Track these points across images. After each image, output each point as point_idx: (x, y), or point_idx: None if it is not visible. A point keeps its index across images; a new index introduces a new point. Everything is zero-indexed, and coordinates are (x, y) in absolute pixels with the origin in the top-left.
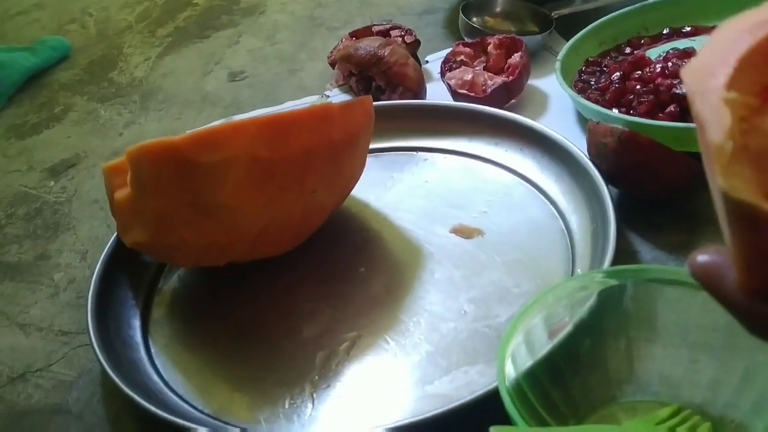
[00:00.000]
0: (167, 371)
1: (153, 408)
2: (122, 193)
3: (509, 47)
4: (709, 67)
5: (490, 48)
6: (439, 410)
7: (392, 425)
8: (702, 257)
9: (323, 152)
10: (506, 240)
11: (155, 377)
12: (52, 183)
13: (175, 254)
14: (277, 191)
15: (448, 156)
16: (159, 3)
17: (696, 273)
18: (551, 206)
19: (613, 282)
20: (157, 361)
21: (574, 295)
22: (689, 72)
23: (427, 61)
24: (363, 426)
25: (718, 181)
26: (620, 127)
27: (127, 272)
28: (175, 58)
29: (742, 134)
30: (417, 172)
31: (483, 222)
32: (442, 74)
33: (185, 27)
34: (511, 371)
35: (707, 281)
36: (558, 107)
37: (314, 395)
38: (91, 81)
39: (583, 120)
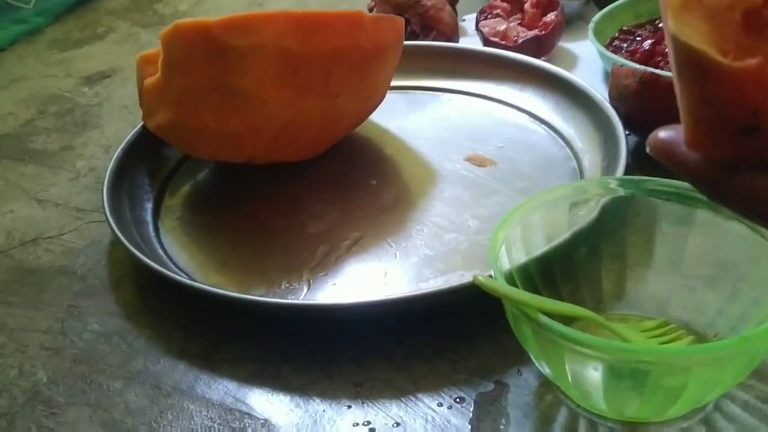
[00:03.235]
0: (172, 249)
1: (155, 266)
2: (151, 80)
3: (546, 7)
4: None
5: (526, 6)
6: (429, 290)
7: (376, 299)
8: (660, 133)
9: (350, 57)
10: (518, 171)
11: (160, 251)
12: (86, 89)
13: (195, 141)
14: (301, 88)
15: (472, 98)
16: None
17: (654, 147)
18: (567, 148)
19: (613, 188)
20: (164, 240)
21: (576, 198)
22: None
23: (464, 20)
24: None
25: (669, 24)
26: (642, 68)
27: (146, 163)
28: None
29: None
30: (440, 110)
31: (497, 154)
32: (477, 23)
33: None
34: (505, 261)
35: (663, 153)
36: (586, 68)
37: (310, 281)
38: (137, 10)
39: (608, 79)
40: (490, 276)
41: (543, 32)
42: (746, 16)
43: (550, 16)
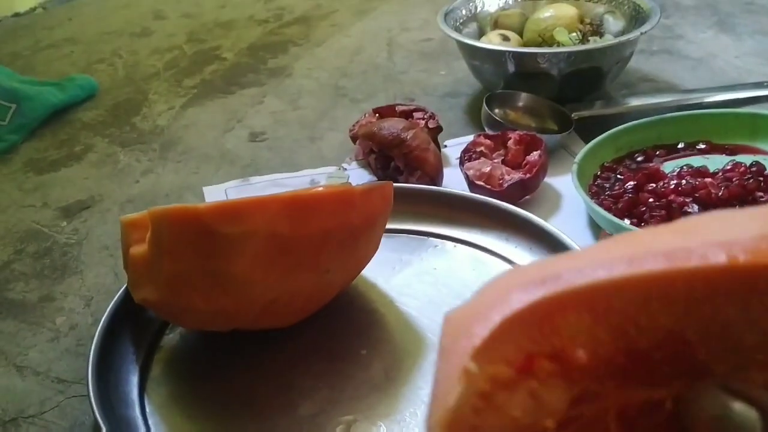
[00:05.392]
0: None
1: None
2: (138, 249)
3: (529, 144)
4: (469, 321)
5: (510, 143)
6: None
7: None
8: None
9: (341, 235)
10: None
11: None
12: (65, 223)
13: (182, 316)
14: (291, 267)
15: (458, 245)
16: (188, 53)
17: None
18: None
19: None
20: (150, 421)
21: None
22: (450, 322)
23: (446, 146)
24: None
25: None
26: None
27: (130, 326)
28: (198, 110)
29: (475, 413)
30: (426, 258)
31: None
32: (461, 163)
33: (211, 80)
34: None
35: None
36: (571, 208)
37: None
38: (114, 123)
39: (593, 222)
40: None
41: (527, 175)
42: None
43: (534, 156)
